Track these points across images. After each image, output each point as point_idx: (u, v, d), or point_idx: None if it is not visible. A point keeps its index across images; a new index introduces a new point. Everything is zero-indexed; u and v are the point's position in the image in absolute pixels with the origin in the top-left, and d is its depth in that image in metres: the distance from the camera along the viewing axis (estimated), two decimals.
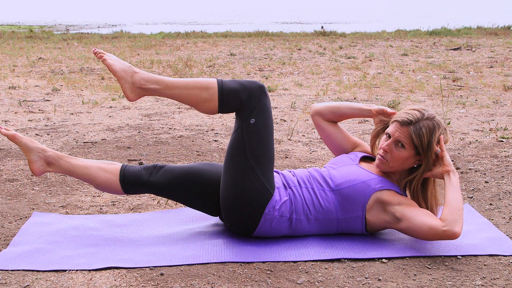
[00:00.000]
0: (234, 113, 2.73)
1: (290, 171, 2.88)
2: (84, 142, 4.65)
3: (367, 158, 2.95)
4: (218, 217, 2.91)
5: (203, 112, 2.74)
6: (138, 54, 10.83)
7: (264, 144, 2.68)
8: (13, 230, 2.89)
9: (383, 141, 2.76)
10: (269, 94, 6.90)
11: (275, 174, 2.83)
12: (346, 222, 2.73)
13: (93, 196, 3.42)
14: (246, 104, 2.66)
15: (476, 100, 6.41)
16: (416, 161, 2.72)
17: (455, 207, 2.57)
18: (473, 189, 3.49)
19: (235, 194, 2.67)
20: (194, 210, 3.14)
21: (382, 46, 12.13)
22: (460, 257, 2.56)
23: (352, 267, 2.48)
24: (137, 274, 2.42)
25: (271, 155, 2.72)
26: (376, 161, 2.79)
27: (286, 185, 2.77)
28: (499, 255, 2.58)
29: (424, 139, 2.66)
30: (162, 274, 2.41)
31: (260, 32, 14.93)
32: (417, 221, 2.58)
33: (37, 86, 7.47)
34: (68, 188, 3.55)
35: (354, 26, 19.71)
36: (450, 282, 2.35)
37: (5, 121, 5.42)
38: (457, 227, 2.52)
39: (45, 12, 30.24)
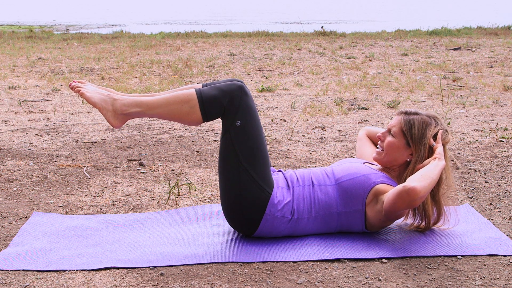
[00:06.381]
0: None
1: (294, 171, 2.88)
2: (84, 142, 4.65)
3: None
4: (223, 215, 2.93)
5: (189, 125, 2.75)
6: (138, 54, 10.83)
7: (254, 143, 2.67)
8: (13, 230, 2.89)
9: None
10: (269, 94, 6.90)
11: (279, 174, 2.83)
12: (346, 216, 2.73)
13: (93, 196, 3.42)
14: (228, 108, 2.66)
15: (476, 100, 6.41)
16: (408, 155, 2.75)
17: (421, 172, 2.60)
18: (473, 189, 3.49)
19: (233, 198, 2.67)
20: (194, 210, 3.16)
21: (382, 46, 12.13)
22: (460, 257, 2.56)
23: (352, 267, 2.48)
24: (137, 274, 2.42)
25: (264, 153, 2.71)
26: (374, 154, 2.85)
27: (289, 185, 2.77)
28: (499, 255, 2.58)
29: (414, 129, 2.71)
30: (162, 274, 2.41)
31: (260, 32, 14.93)
32: (389, 193, 2.61)
33: (37, 86, 7.47)
34: (68, 188, 3.55)
35: (354, 26, 19.70)
36: (450, 282, 2.35)
37: (5, 121, 5.42)
38: (415, 182, 2.52)
39: (45, 12, 30.23)
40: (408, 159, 2.76)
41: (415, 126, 2.72)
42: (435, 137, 2.74)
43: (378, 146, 2.85)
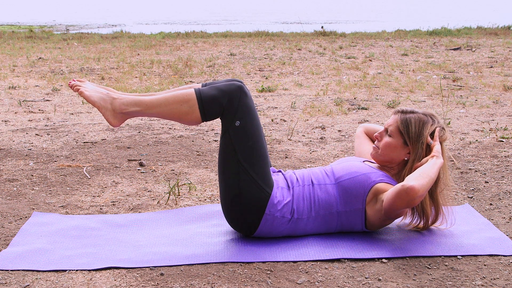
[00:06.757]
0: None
1: (293, 172, 2.88)
2: (84, 142, 4.65)
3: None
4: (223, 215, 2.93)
5: (188, 125, 2.75)
6: (138, 54, 10.83)
7: (253, 143, 2.68)
8: (13, 230, 2.89)
9: None
10: (269, 94, 6.90)
11: (279, 175, 2.83)
12: (346, 216, 2.73)
13: (93, 196, 3.42)
14: (228, 108, 2.66)
15: (476, 100, 6.41)
16: (406, 153, 2.75)
17: (420, 171, 2.59)
18: (473, 189, 3.49)
19: (233, 198, 2.67)
20: (194, 210, 3.16)
21: (382, 46, 12.13)
22: (460, 257, 2.56)
23: (352, 267, 2.48)
24: (137, 274, 2.42)
25: (264, 152, 2.71)
26: (371, 150, 2.86)
27: (289, 185, 2.77)
28: (499, 255, 2.58)
29: (411, 128, 2.71)
30: (162, 274, 2.41)
31: (260, 32, 14.93)
32: (388, 192, 2.61)
33: (37, 86, 7.47)
34: (68, 188, 3.55)
35: (354, 26, 19.71)
36: (450, 282, 2.35)
37: (5, 121, 5.42)
38: (414, 181, 2.51)
39: (45, 12, 30.23)
40: (406, 158, 2.76)
41: (412, 125, 2.72)
42: (432, 135, 2.74)
43: (374, 143, 2.85)
